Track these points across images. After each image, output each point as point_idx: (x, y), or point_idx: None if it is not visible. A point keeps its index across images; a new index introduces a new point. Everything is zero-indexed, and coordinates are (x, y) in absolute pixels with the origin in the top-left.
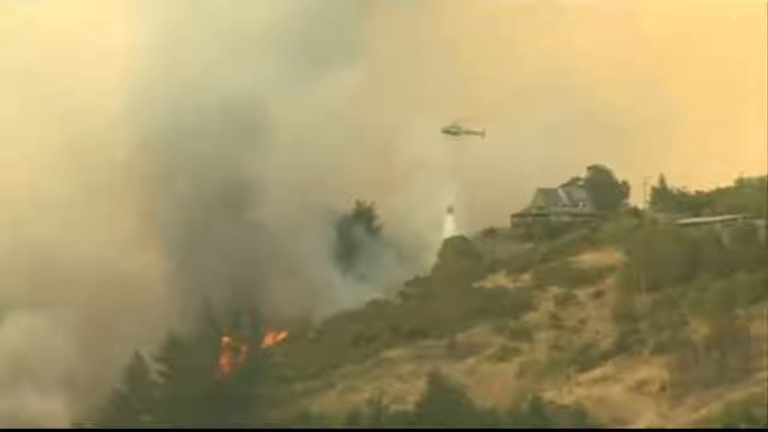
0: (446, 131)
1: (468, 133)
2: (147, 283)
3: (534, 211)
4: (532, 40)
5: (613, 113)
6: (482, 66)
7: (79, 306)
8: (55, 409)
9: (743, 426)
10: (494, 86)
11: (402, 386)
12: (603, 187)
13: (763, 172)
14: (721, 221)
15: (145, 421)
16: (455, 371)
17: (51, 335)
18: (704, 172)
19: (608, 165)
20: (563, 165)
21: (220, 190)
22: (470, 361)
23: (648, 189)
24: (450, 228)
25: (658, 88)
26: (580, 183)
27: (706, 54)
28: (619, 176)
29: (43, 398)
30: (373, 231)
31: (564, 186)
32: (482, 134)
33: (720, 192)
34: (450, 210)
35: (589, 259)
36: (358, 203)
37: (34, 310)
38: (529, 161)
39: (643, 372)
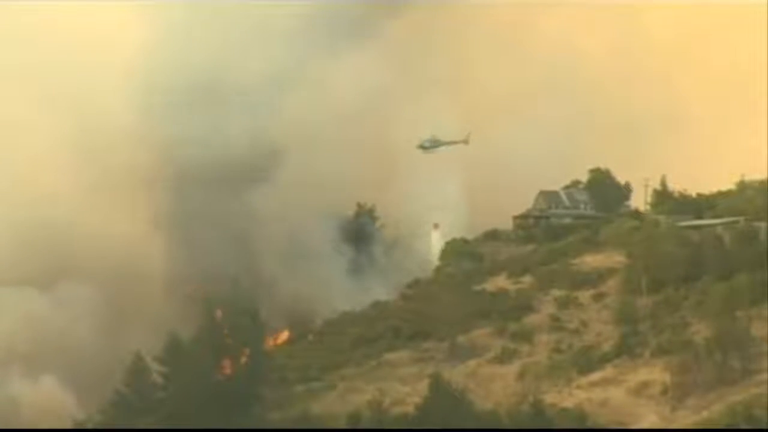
0: (421, 147)
1: (449, 143)
2: (151, 279)
3: (536, 213)
4: (535, 40)
5: (615, 115)
6: (484, 66)
7: (83, 291)
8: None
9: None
10: (496, 87)
11: (403, 388)
12: (604, 189)
13: (764, 175)
14: (722, 223)
15: (146, 422)
16: (456, 373)
17: (54, 317)
18: (705, 175)
19: (610, 167)
20: (565, 167)
21: (225, 190)
22: (471, 363)
23: (649, 191)
24: (437, 244)
25: (659, 90)
26: (582, 185)
27: (708, 56)
28: (621, 178)
29: (43, 382)
30: (375, 232)
31: (565, 188)
32: (466, 142)
33: (721, 194)
34: (436, 226)
35: (590, 261)
36: (359, 204)
37: (39, 294)
38: (530, 163)
39: (645, 374)
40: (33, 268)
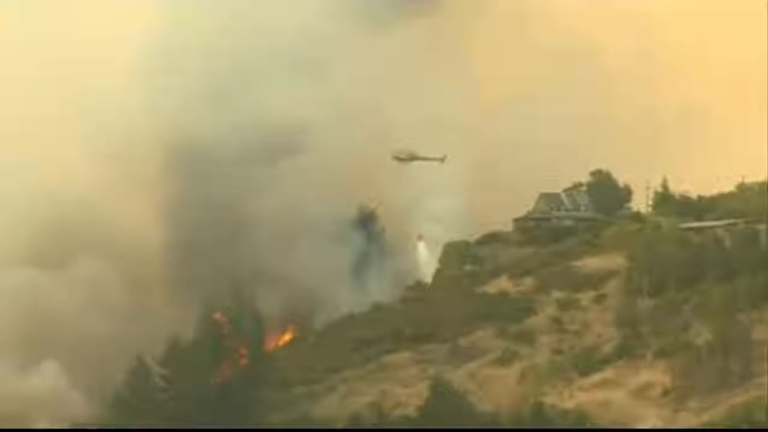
0: (396, 158)
1: (425, 159)
2: (152, 280)
3: (537, 215)
4: (537, 37)
5: (616, 118)
6: (485, 66)
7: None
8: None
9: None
10: (496, 87)
11: (404, 390)
12: (605, 192)
13: (764, 177)
14: (723, 225)
15: (147, 423)
16: (457, 375)
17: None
18: (706, 177)
19: (611, 169)
20: (566, 169)
21: (229, 183)
22: (472, 365)
23: (650, 193)
24: (423, 255)
25: (659, 93)
26: (583, 187)
27: (708, 58)
28: (622, 180)
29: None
30: (376, 234)
31: (566, 190)
32: (441, 161)
33: (722, 196)
34: (420, 237)
35: (591, 263)
36: (361, 206)
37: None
38: (531, 165)
39: (646, 376)
40: (48, 250)
